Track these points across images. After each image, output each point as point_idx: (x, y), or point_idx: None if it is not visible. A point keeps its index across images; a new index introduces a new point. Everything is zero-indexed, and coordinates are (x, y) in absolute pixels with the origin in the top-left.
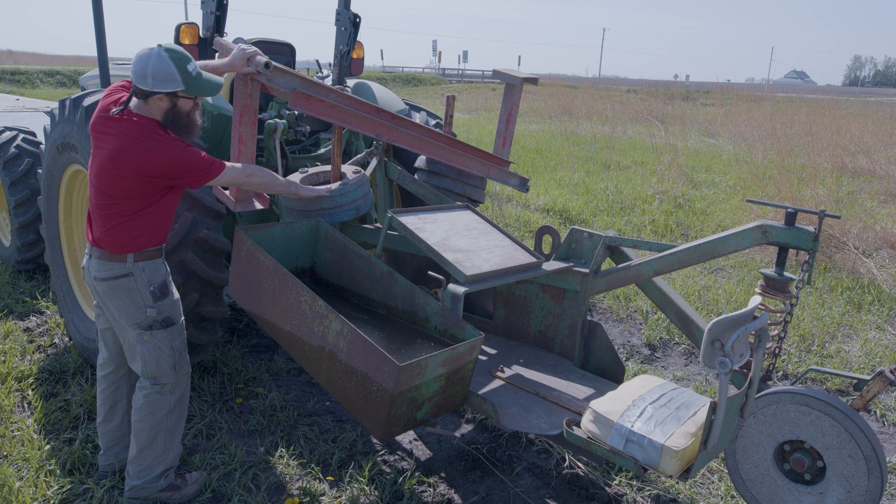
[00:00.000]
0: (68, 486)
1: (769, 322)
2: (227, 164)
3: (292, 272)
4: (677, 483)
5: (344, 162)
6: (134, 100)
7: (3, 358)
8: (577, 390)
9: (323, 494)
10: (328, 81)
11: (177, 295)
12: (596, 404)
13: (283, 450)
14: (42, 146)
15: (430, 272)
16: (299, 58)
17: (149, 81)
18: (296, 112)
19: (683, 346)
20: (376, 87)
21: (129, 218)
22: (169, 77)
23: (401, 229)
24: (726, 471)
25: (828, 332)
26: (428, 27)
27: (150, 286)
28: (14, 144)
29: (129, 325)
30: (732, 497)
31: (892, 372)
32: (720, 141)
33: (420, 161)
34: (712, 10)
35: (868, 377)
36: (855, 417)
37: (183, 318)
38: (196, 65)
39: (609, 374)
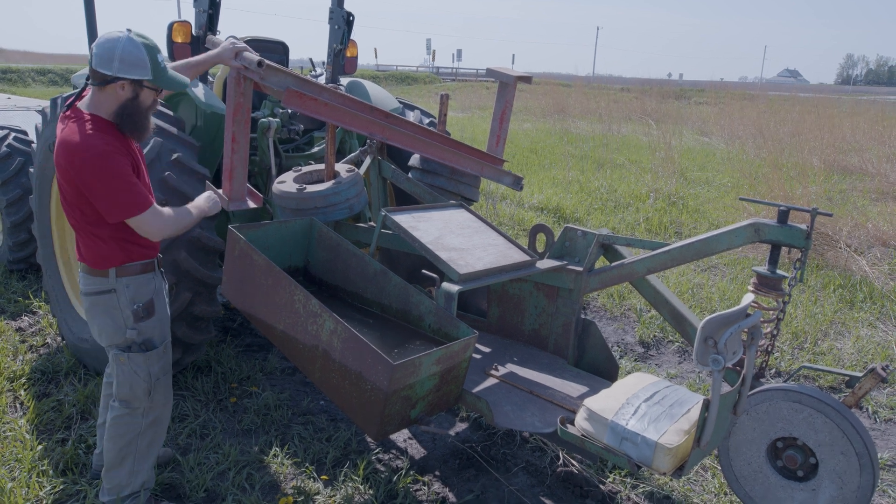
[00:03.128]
0: (61, 487)
1: (762, 319)
2: (159, 209)
3: (286, 271)
4: (671, 480)
5: (338, 160)
6: (87, 92)
7: None
8: (571, 388)
9: (317, 493)
10: (322, 80)
11: (165, 313)
12: (590, 402)
13: (278, 449)
14: (34, 145)
15: (424, 271)
16: (293, 56)
17: (114, 65)
18: (289, 111)
19: (677, 343)
20: (370, 86)
21: (99, 229)
22: (138, 63)
23: (395, 228)
24: (720, 468)
25: (820, 330)
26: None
27: (134, 304)
28: (5, 143)
29: (107, 345)
30: (726, 494)
31: (883, 369)
32: (713, 139)
33: (414, 160)
34: (707, 8)
35: (860, 374)
36: (847, 414)
37: (169, 339)
38: (165, 58)
39: (603, 372)
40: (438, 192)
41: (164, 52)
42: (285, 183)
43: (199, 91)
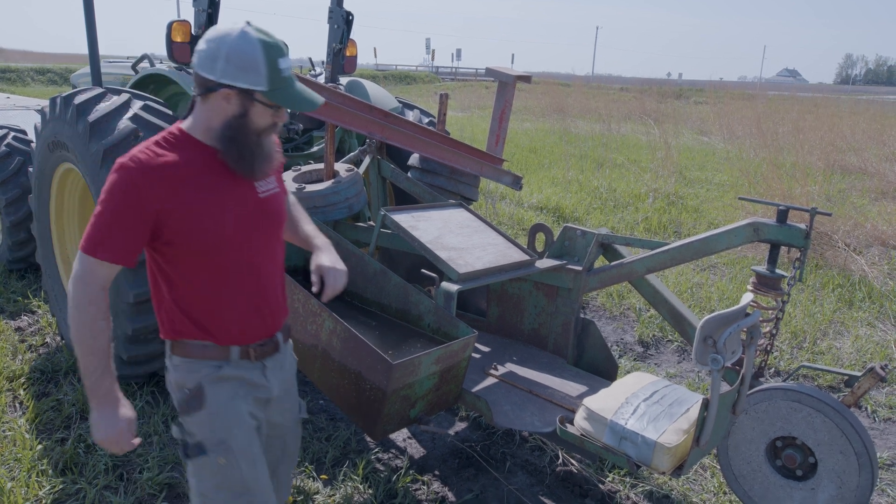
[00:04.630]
0: (60, 486)
1: (761, 319)
2: (97, 271)
3: (285, 271)
4: (670, 479)
5: (337, 160)
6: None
7: None
8: (571, 388)
9: (317, 493)
10: (321, 79)
11: (231, 414)
12: (589, 402)
13: None
14: (33, 144)
15: (423, 270)
16: (292, 56)
17: (218, 66)
18: (288, 110)
19: (676, 343)
20: (369, 85)
21: (159, 278)
22: (249, 65)
23: (394, 227)
24: (719, 467)
25: (819, 329)
26: (421, 25)
27: (180, 391)
28: (4, 143)
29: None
30: (725, 493)
31: (882, 368)
32: (713, 139)
33: (413, 159)
34: (706, 8)
35: (859, 373)
36: (846, 414)
37: (237, 453)
38: (292, 65)
39: (602, 371)
40: (438, 191)
41: (165, 52)
42: (285, 182)
43: None
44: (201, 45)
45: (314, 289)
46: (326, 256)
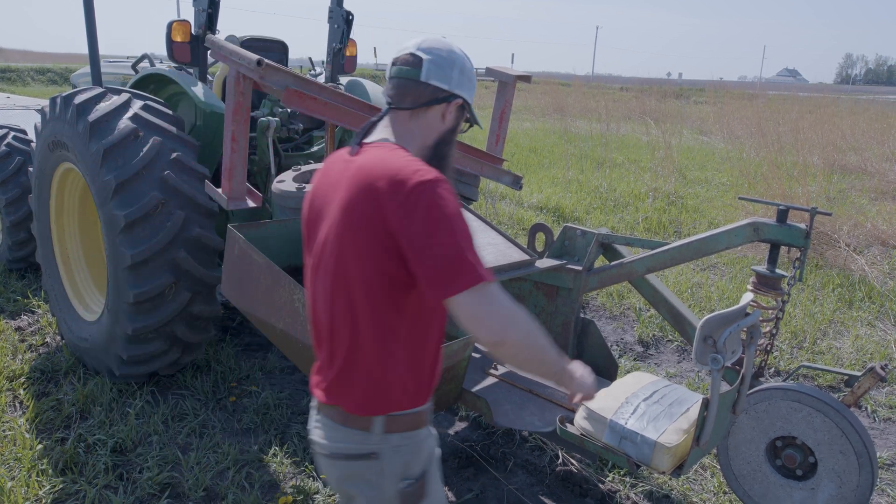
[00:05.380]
0: (60, 486)
1: (761, 319)
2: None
3: (286, 270)
4: (670, 479)
5: None
6: (387, 119)
7: None
8: None
9: (317, 493)
10: (321, 79)
11: (440, 495)
12: (589, 401)
13: (277, 448)
14: (33, 144)
15: None
16: (292, 55)
17: (455, 75)
18: (289, 110)
19: (676, 342)
20: (369, 85)
21: (394, 332)
22: (472, 78)
23: None
24: (719, 467)
25: (819, 329)
26: (421, 25)
27: (404, 480)
28: (5, 142)
29: None
30: (725, 493)
31: (882, 368)
32: (713, 138)
33: None
34: (706, 7)
35: (859, 373)
36: (846, 413)
37: None
38: None
39: (602, 371)
40: None
41: (165, 52)
42: (285, 182)
43: (198, 90)
44: (425, 54)
45: None
46: None
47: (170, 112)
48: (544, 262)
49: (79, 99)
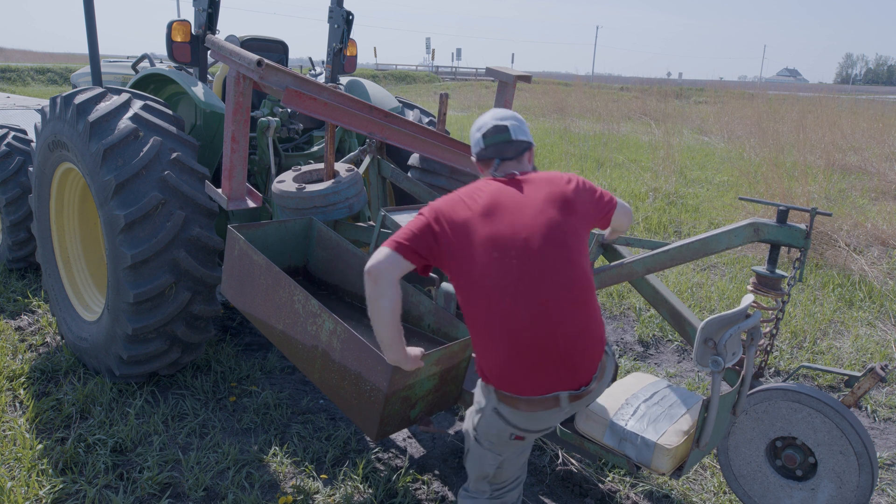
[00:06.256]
0: (60, 486)
1: (761, 319)
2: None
3: (285, 271)
4: (670, 480)
5: (337, 160)
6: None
7: None
8: None
9: (317, 492)
10: (321, 79)
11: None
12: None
13: (277, 448)
14: (33, 144)
15: None
16: (292, 55)
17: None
18: (289, 110)
19: (676, 343)
20: (369, 85)
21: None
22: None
23: (394, 228)
24: (718, 467)
25: (819, 329)
26: (421, 25)
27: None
28: (5, 142)
29: None
30: (725, 493)
31: (882, 368)
32: (713, 138)
33: (413, 159)
34: (706, 7)
35: (859, 374)
36: (846, 414)
37: None
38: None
39: None
40: (438, 191)
41: (165, 52)
42: (285, 182)
43: (198, 90)
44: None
45: None
46: None
47: (170, 112)
48: None
49: (79, 99)
